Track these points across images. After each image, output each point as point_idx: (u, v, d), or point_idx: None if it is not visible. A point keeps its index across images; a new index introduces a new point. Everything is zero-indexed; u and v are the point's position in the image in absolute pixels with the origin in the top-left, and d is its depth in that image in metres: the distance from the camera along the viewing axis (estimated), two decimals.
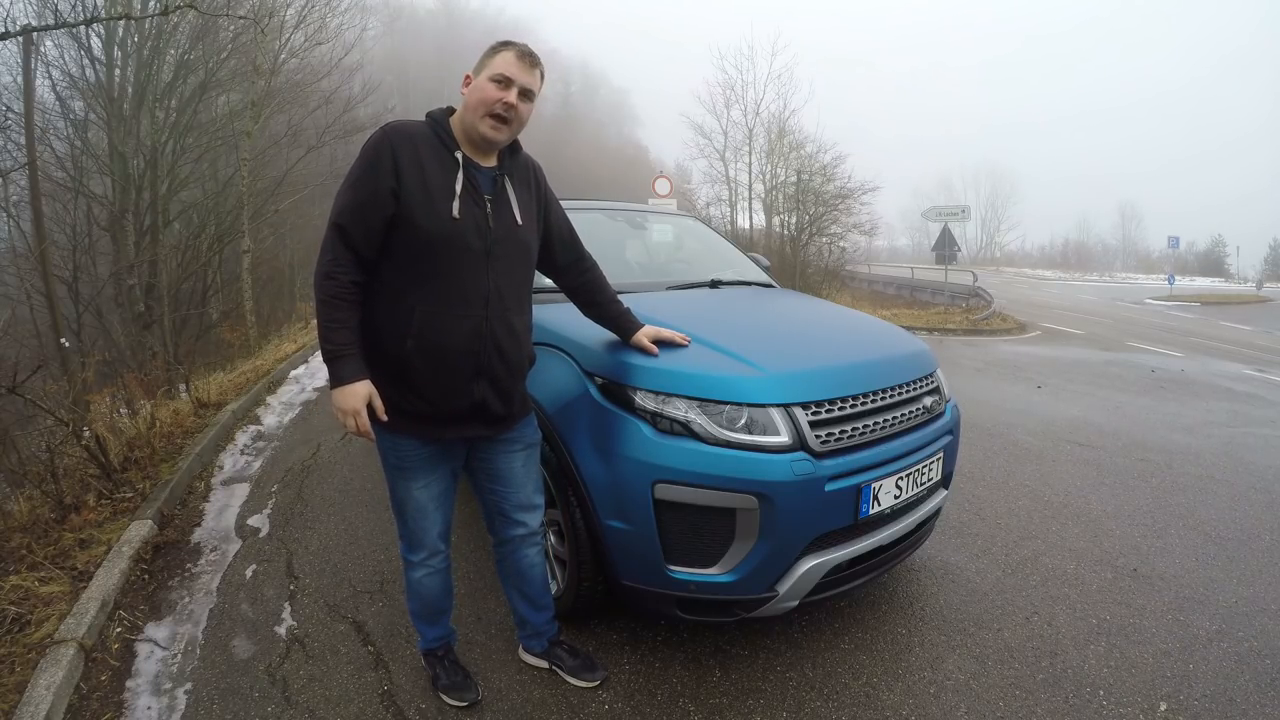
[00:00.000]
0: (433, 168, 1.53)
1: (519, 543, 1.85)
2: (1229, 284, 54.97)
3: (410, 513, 1.74)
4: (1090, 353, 10.33)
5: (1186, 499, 3.59)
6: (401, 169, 1.49)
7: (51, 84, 10.24)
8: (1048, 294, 30.60)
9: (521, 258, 1.67)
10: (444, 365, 1.56)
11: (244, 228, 11.24)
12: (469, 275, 1.55)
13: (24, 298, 9.05)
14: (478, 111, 1.54)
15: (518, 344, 1.66)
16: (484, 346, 1.58)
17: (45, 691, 1.82)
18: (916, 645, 2.17)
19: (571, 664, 1.96)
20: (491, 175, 1.62)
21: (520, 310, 1.68)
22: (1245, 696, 1.96)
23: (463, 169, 1.55)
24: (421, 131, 1.57)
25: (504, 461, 1.77)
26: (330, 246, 1.53)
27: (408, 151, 1.51)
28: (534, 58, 1.58)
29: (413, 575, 1.81)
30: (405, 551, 1.81)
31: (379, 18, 29.09)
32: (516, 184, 1.66)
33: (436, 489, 1.73)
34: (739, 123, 20.62)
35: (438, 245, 1.51)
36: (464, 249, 1.53)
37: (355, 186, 1.51)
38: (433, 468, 1.70)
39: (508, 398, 1.68)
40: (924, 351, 2.32)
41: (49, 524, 2.84)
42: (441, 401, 1.59)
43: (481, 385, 1.61)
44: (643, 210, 3.75)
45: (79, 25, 6.05)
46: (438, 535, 1.78)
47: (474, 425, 1.66)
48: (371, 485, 3.47)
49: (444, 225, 1.51)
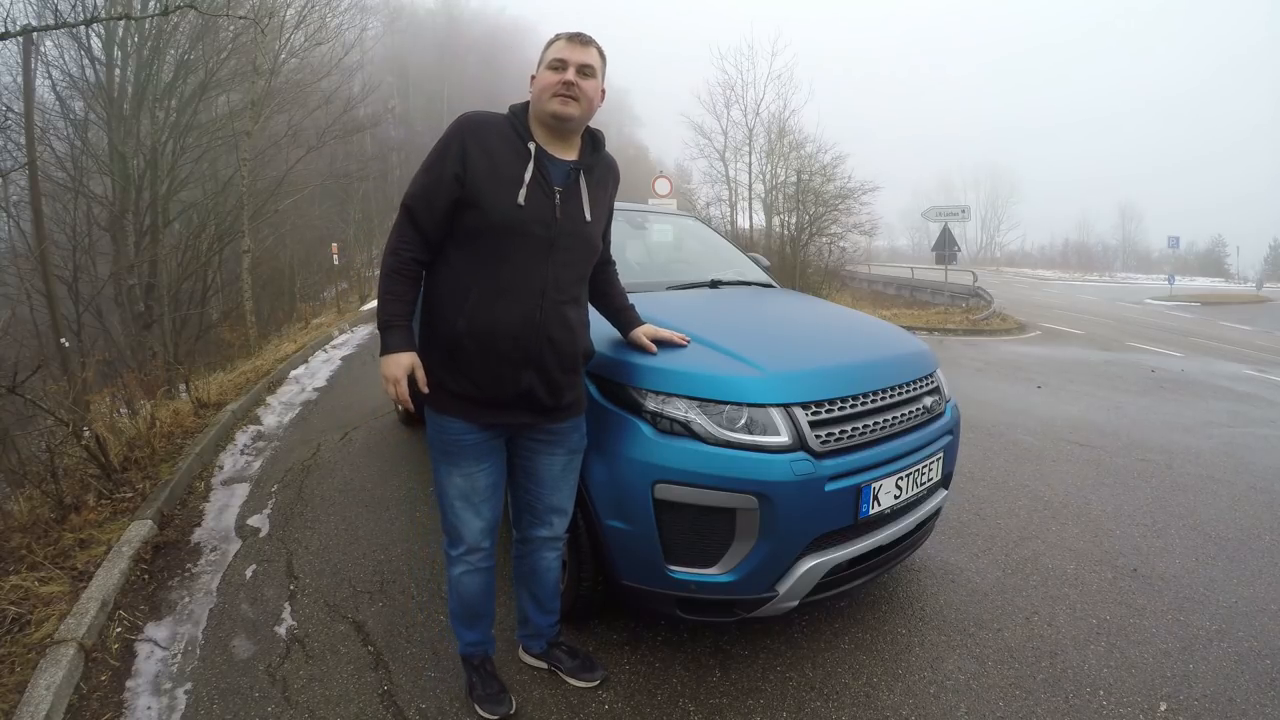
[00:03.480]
0: (505, 156, 1.57)
1: (541, 544, 1.83)
2: (1229, 284, 55.03)
3: (450, 501, 1.70)
4: (1090, 353, 10.33)
5: (1186, 499, 3.59)
6: (469, 156, 1.54)
7: (51, 84, 10.25)
8: (1048, 294, 30.61)
9: (584, 252, 1.68)
10: (492, 350, 1.57)
11: (244, 228, 11.22)
12: (529, 263, 1.57)
13: (24, 298, 9.04)
14: (543, 96, 1.58)
15: (571, 336, 1.65)
16: (535, 335, 1.58)
17: (45, 691, 1.82)
18: (916, 645, 2.17)
19: (570, 665, 1.96)
20: (566, 169, 1.62)
21: (577, 303, 1.68)
22: (1245, 696, 1.96)
23: (534, 159, 1.58)
24: (498, 122, 1.61)
25: (545, 463, 1.75)
26: (399, 226, 1.61)
27: (479, 140, 1.57)
28: (584, 37, 1.62)
29: (452, 571, 1.78)
30: (446, 545, 1.78)
31: (379, 18, 29.07)
32: (593, 181, 1.67)
33: (483, 481, 1.69)
34: (739, 122, 20.64)
35: (500, 231, 1.55)
36: (527, 236, 1.56)
37: (427, 171, 1.59)
38: (479, 457, 1.67)
39: (557, 390, 1.66)
40: (924, 351, 2.32)
41: (49, 524, 2.83)
42: (488, 386, 1.60)
43: (529, 374, 1.60)
44: (643, 210, 3.75)
45: (79, 25, 6.05)
46: (480, 531, 1.72)
47: (520, 413, 1.65)
48: (371, 485, 3.47)
49: (508, 212, 1.54)
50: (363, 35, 18.15)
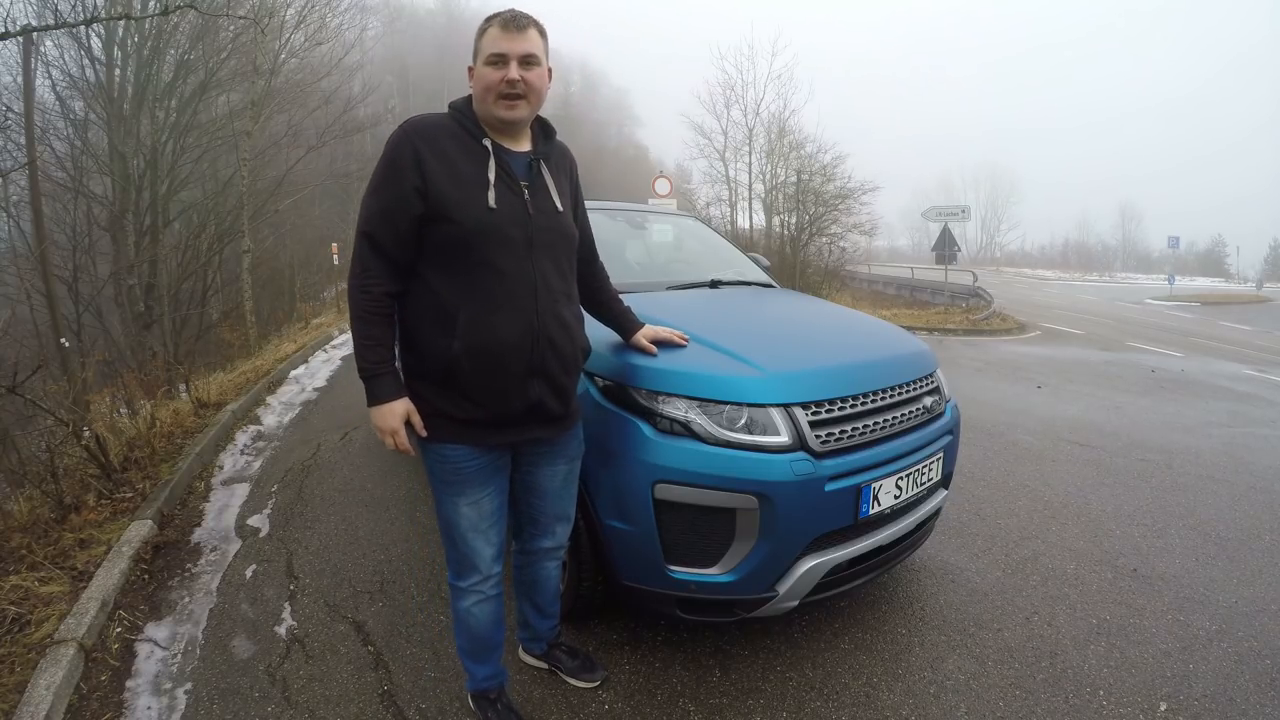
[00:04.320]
0: (461, 159, 1.45)
1: (544, 555, 1.79)
2: (1229, 284, 55.03)
3: (461, 533, 1.59)
4: (1090, 353, 10.33)
5: (1186, 499, 3.59)
6: (426, 165, 1.41)
7: (51, 84, 10.24)
8: (1048, 294, 30.61)
9: (565, 246, 1.58)
10: (496, 366, 1.46)
11: (244, 228, 11.23)
12: (513, 268, 1.45)
13: (24, 298, 9.02)
14: (486, 99, 1.46)
15: (570, 336, 1.57)
16: (536, 342, 1.48)
17: (45, 691, 1.82)
18: (916, 645, 2.17)
19: (571, 665, 1.96)
20: (526, 161, 1.53)
21: (570, 300, 1.60)
22: (1245, 696, 1.96)
23: (494, 156, 1.46)
24: (444, 123, 1.49)
25: (546, 476, 1.68)
26: (361, 257, 1.45)
27: (431, 146, 1.43)
28: (520, 21, 1.44)
29: (460, 605, 1.65)
30: (453, 579, 1.66)
31: (379, 18, 29.11)
32: (553, 169, 1.58)
33: (489, 505, 1.59)
34: (739, 122, 20.64)
35: (475, 240, 1.43)
36: (504, 241, 1.45)
37: (379, 191, 1.44)
38: (485, 481, 1.57)
39: (565, 395, 1.59)
40: (924, 351, 2.32)
41: (49, 524, 2.83)
42: (495, 404, 1.49)
43: (537, 384, 1.51)
44: (643, 210, 3.75)
45: (79, 25, 6.05)
46: (492, 558, 1.62)
47: (531, 428, 1.56)
48: (371, 485, 3.47)
49: (481, 218, 1.42)
50: (363, 35, 18.17)
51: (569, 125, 49.35)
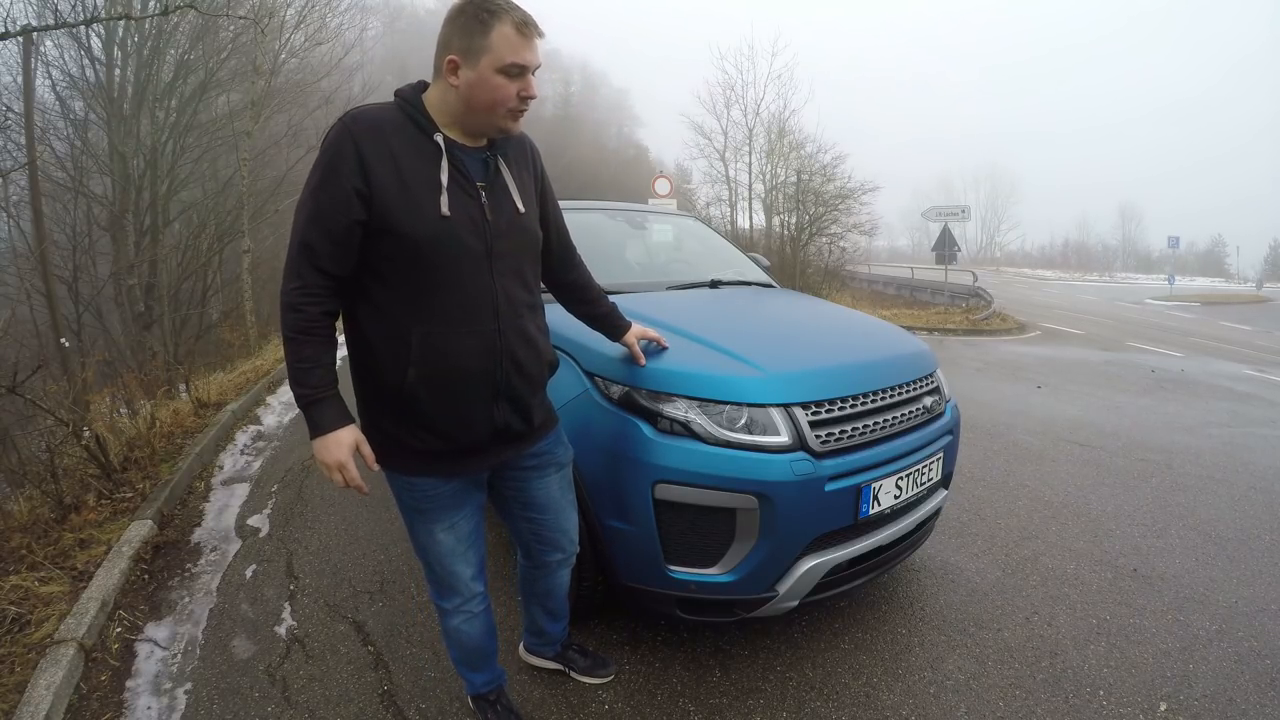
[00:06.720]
0: (409, 158, 1.26)
1: (556, 566, 1.71)
2: (1229, 284, 55.07)
3: (436, 558, 1.51)
4: (1090, 353, 10.33)
5: (1186, 499, 3.59)
6: (368, 165, 1.22)
7: (51, 84, 10.24)
8: (1048, 294, 30.61)
9: (529, 252, 1.44)
10: (456, 393, 1.33)
11: (244, 228, 11.23)
12: (471, 282, 1.30)
13: (24, 298, 9.02)
14: (495, 112, 1.29)
15: (536, 353, 1.44)
16: (499, 364, 1.35)
17: (45, 691, 1.82)
18: (916, 645, 2.17)
19: (584, 664, 1.96)
20: (481, 157, 1.35)
21: (534, 313, 1.45)
22: (1245, 696, 1.96)
23: (446, 155, 1.28)
24: (390, 116, 1.29)
25: (539, 489, 1.58)
26: (295, 271, 1.25)
27: (374, 143, 1.24)
28: (536, 25, 1.28)
29: (448, 623, 1.60)
30: (436, 598, 1.59)
31: (379, 18, 29.10)
32: (512, 164, 1.41)
33: (466, 526, 1.51)
34: (739, 123, 20.66)
35: (427, 251, 1.26)
36: (460, 252, 1.28)
37: (315, 194, 1.24)
38: (457, 506, 1.48)
39: (529, 413, 1.47)
40: (924, 351, 2.32)
41: (49, 524, 2.84)
42: (458, 433, 1.37)
43: (502, 408, 1.39)
44: (643, 210, 3.75)
45: (79, 25, 6.05)
46: (472, 577, 1.55)
47: (497, 451, 1.46)
48: (371, 485, 3.47)
49: (431, 226, 1.25)
50: (363, 35, 18.15)
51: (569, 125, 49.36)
